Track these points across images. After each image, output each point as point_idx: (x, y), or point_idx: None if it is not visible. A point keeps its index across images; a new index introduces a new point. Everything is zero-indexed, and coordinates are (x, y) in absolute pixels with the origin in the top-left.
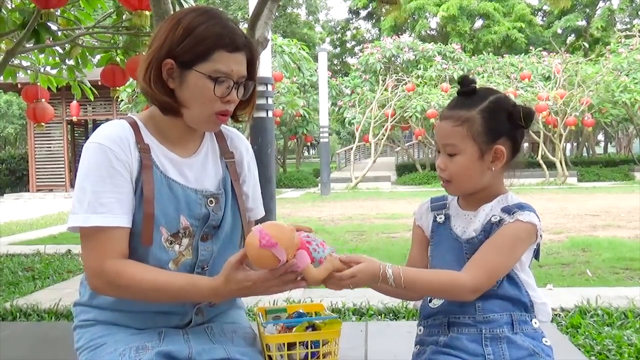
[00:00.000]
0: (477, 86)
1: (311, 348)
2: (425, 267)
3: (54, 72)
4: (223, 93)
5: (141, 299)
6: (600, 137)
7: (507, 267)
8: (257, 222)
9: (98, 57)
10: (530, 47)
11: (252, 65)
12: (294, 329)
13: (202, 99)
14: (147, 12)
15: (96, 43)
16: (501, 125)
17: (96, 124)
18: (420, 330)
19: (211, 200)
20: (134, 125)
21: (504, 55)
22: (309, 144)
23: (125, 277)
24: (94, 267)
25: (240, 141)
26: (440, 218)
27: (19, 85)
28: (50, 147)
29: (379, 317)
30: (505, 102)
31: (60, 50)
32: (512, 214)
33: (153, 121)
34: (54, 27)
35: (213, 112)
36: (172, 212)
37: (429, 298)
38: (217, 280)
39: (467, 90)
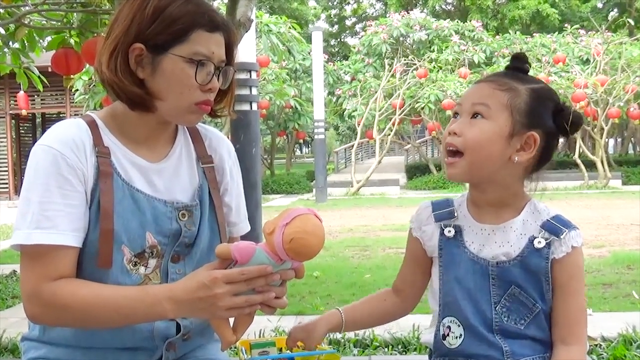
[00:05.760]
0: None
1: None
2: (418, 290)
3: None
4: (204, 79)
5: (86, 322)
6: None
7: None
8: (242, 238)
9: (48, 39)
10: (565, 25)
11: (230, 49)
12: None
13: (179, 87)
14: None
15: (46, 22)
16: (544, 116)
17: (46, 119)
18: None
19: (183, 214)
20: (92, 125)
21: (534, 34)
22: (301, 141)
23: (63, 295)
24: (29, 290)
25: (220, 142)
26: (449, 232)
27: None
28: None
29: (386, 349)
30: (557, 96)
31: (3, 32)
32: (560, 236)
33: (115, 119)
34: None
35: (192, 102)
36: (135, 228)
37: (441, 334)
38: (176, 282)
39: (520, 67)
